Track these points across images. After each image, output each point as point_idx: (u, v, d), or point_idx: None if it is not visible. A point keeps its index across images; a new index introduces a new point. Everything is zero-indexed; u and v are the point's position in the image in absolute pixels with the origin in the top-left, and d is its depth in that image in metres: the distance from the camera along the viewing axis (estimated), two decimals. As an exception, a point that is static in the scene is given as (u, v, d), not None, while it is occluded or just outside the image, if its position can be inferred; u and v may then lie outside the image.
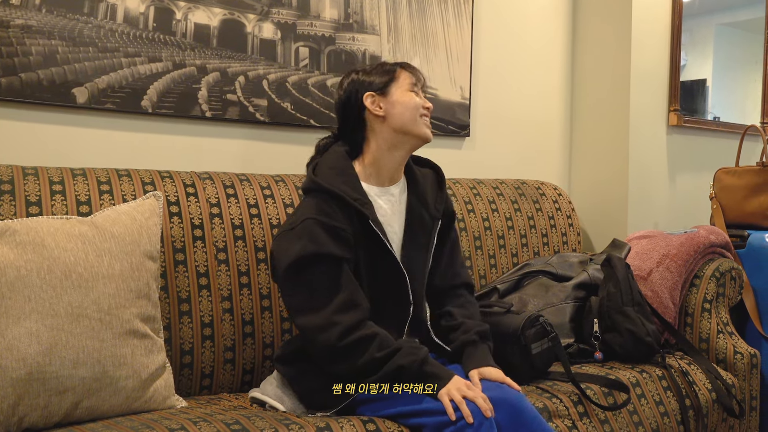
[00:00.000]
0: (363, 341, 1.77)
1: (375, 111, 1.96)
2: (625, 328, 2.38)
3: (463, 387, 1.73)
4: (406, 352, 1.77)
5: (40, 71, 2.11)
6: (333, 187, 1.88)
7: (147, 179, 2.09)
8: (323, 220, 1.83)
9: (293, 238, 1.84)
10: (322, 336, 1.77)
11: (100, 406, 1.70)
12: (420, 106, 1.97)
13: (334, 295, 1.79)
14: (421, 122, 1.97)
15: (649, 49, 3.21)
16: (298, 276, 1.81)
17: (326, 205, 1.86)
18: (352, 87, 2.00)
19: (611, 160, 3.19)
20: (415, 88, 1.99)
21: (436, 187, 2.10)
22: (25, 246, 1.68)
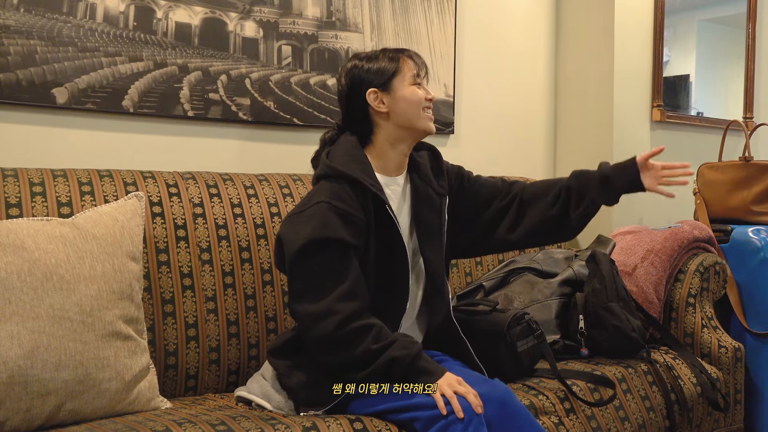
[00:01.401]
0: (361, 331, 1.74)
1: (378, 108, 1.94)
2: (611, 324, 2.38)
3: (454, 383, 1.73)
4: (400, 344, 1.76)
5: (18, 71, 2.08)
6: (351, 171, 1.86)
7: (129, 180, 2.07)
8: (337, 205, 1.81)
9: (304, 220, 1.81)
10: (321, 324, 1.74)
11: (83, 409, 1.68)
12: (423, 99, 1.95)
13: (338, 284, 1.76)
14: (424, 116, 1.96)
15: (632, 45, 3.22)
16: (306, 260, 1.78)
17: (342, 190, 1.84)
18: (354, 80, 1.95)
19: (595, 156, 3.18)
20: (418, 78, 1.96)
21: (434, 162, 2.10)
22: (5, 248, 1.66)
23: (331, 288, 1.76)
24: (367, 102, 1.94)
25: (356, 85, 1.95)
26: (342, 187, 1.84)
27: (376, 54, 1.98)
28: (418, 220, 2.00)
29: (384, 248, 1.90)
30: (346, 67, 1.98)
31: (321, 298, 1.75)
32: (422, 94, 1.95)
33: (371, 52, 2.01)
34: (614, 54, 3.14)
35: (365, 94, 1.93)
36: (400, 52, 1.98)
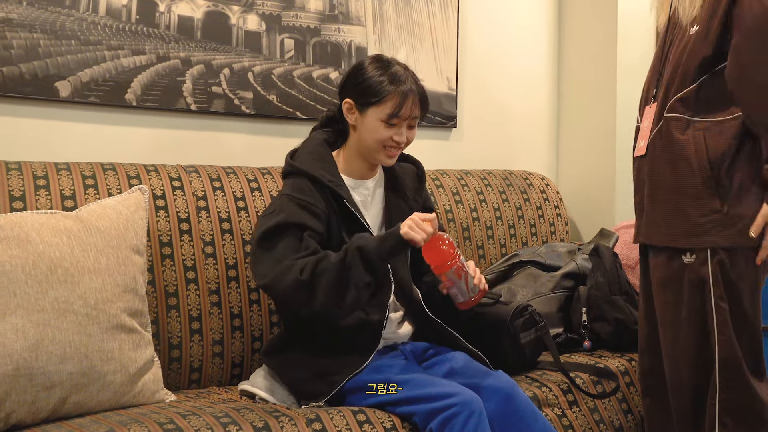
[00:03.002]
0: (320, 262, 1.78)
1: (348, 118, 1.98)
2: (614, 317, 2.39)
3: (413, 217, 1.79)
4: (354, 240, 1.82)
5: (22, 65, 2.08)
6: (309, 169, 1.92)
7: (132, 173, 2.08)
8: (297, 196, 1.88)
9: (271, 216, 1.88)
10: (286, 280, 1.77)
11: (88, 402, 1.69)
12: (387, 139, 1.93)
13: (296, 255, 1.81)
14: (382, 153, 1.96)
15: (635, 38, 3.21)
16: (265, 245, 1.84)
17: (302, 183, 1.91)
18: (348, 80, 1.99)
19: (598, 150, 3.19)
20: (393, 119, 1.91)
21: (416, 181, 2.12)
22: (9, 241, 1.66)
23: (287, 256, 1.80)
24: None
25: (346, 86, 1.99)
26: (303, 182, 1.91)
27: (381, 72, 1.93)
28: (389, 223, 2.01)
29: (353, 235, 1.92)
30: (355, 64, 2.01)
31: (280, 263, 1.80)
32: (387, 135, 1.93)
33: (386, 62, 1.96)
34: (617, 47, 3.13)
35: (342, 101, 1.98)
36: (401, 85, 1.92)
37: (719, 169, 1.86)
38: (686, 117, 1.91)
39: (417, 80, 1.97)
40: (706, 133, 1.88)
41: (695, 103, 1.91)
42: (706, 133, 1.88)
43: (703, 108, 1.90)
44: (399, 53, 2.81)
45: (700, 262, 1.88)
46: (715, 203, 1.86)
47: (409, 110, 1.92)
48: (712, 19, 1.87)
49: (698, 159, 1.87)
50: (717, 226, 1.86)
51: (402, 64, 1.98)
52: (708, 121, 1.89)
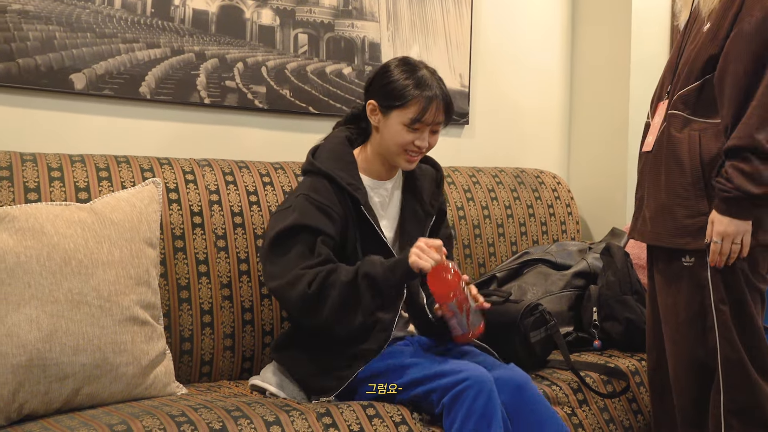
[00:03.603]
0: (328, 277, 1.78)
1: (371, 120, 1.96)
2: (624, 317, 2.38)
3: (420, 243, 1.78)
4: (365, 263, 1.81)
5: (37, 57, 2.09)
6: (328, 170, 1.91)
7: (146, 166, 2.08)
8: (314, 197, 1.87)
9: (287, 214, 1.87)
10: (294, 290, 1.78)
11: (100, 393, 1.69)
12: (409, 143, 1.91)
13: (307, 261, 1.81)
14: (402, 157, 1.94)
15: (649, 36, 3.20)
16: (279, 245, 1.84)
17: (320, 184, 1.90)
18: (373, 81, 1.97)
19: (611, 149, 3.19)
20: (416, 124, 1.89)
21: (434, 184, 2.10)
22: (24, 232, 1.67)
23: (298, 263, 1.80)
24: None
25: (371, 87, 1.98)
26: (321, 182, 1.90)
27: (407, 76, 1.91)
28: (403, 230, 2.01)
29: (370, 243, 1.92)
30: (382, 66, 1.99)
31: (290, 270, 1.80)
32: (409, 139, 1.91)
33: (412, 66, 1.94)
34: (631, 45, 3.12)
35: (366, 102, 1.97)
36: (426, 90, 1.89)
37: (710, 171, 1.85)
38: (685, 115, 1.90)
39: (443, 85, 1.94)
40: (701, 134, 1.87)
41: (696, 102, 1.89)
42: (702, 134, 1.87)
43: (702, 108, 1.89)
44: (412, 49, 2.81)
45: (699, 265, 1.87)
46: (702, 205, 1.86)
47: (432, 116, 1.90)
48: (724, 18, 1.86)
49: (691, 159, 1.87)
50: (703, 229, 1.85)
51: (429, 69, 1.95)
52: (705, 122, 1.88)
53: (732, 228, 1.81)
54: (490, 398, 1.69)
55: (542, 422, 1.78)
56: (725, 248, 1.82)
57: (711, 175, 1.84)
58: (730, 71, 1.82)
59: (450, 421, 1.70)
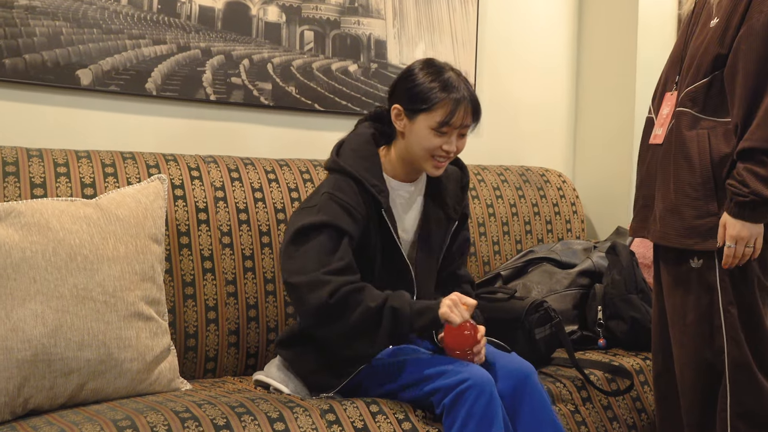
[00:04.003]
0: (354, 294, 1.74)
1: (396, 125, 1.91)
2: (629, 316, 2.38)
3: (454, 297, 1.75)
4: (394, 296, 1.77)
5: (44, 52, 2.10)
6: (353, 170, 1.87)
7: (152, 162, 2.09)
8: (339, 196, 1.83)
9: (310, 212, 1.83)
10: (315, 293, 1.73)
11: (105, 388, 1.70)
12: (436, 148, 1.86)
13: (330, 261, 1.77)
14: (430, 162, 1.89)
15: (655, 35, 3.19)
16: (301, 240, 1.80)
17: (345, 183, 1.86)
18: (398, 85, 1.92)
19: (616, 148, 3.18)
20: (444, 128, 1.84)
21: (458, 187, 2.05)
22: (30, 228, 1.67)
23: (323, 263, 1.76)
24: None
25: (395, 91, 1.93)
26: (346, 181, 1.86)
27: (438, 73, 1.87)
28: (422, 236, 1.99)
29: (387, 246, 1.90)
30: (406, 69, 1.93)
31: (313, 270, 1.75)
32: (437, 143, 1.86)
33: (438, 68, 1.89)
34: (637, 44, 3.11)
35: (390, 106, 1.91)
36: (453, 92, 1.85)
37: (720, 171, 1.82)
38: (693, 113, 1.87)
39: (470, 87, 1.89)
40: (710, 133, 1.84)
41: (704, 99, 1.86)
42: (711, 133, 1.84)
43: (711, 106, 1.86)
44: (418, 47, 2.81)
45: (707, 267, 1.85)
46: (712, 206, 1.83)
47: (460, 119, 1.85)
48: (733, 13, 1.83)
49: (700, 158, 1.84)
50: (712, 230, 1.83)
51: (455, 70, 1.90)
52: (715, 120, 1.85)
53: (745, 232, 1.78)
54: (491, 400, 1.69)
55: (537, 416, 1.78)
56: (738, 252, 1.80)
57: (721, 175, 1.82)
58: (740, 69, 1.80)
59: (450, 422, 1.69)
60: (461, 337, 1.79)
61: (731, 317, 1.84)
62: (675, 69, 1.99)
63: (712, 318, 1.86)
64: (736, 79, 1.81)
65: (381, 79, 2.72)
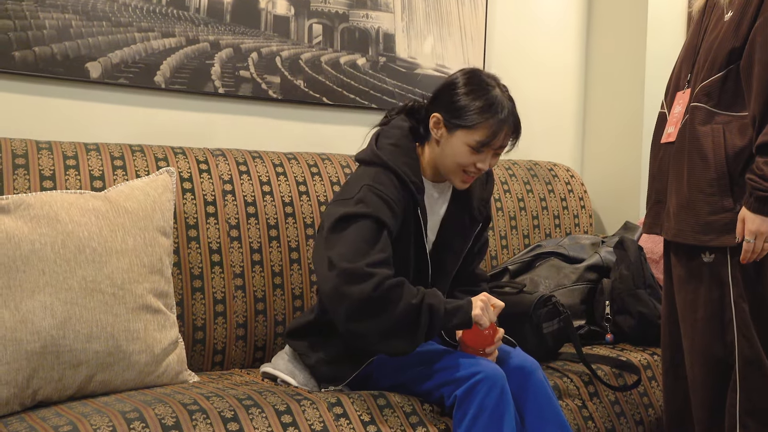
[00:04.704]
0: (396, 288, 1.69)
1: (433, 133, 1.88)
2: (637, 311, 2.38)
3: (484, 299, 1.75)
4: (429, 293, 1.74)
5: (53, 45, 2.10)
6: (395, 165, 1.84)
7: (160, 155, 2.09)
8: (378, 188, 1.79)
9: (348, 203, 1.79)
10: (357, 287, 1.67)
11: (113, 380, 1.71)
12: (469, 165, 1.83)
13: (374, 251, 1.72)
14: (459, 177, 1.86)
15: (665, 28, 3.17)
16: (340, 228, 1.75)
17: (386, 176, 1.82)
18: (441, 94, 1.88)
19: (625, 142, 3.17)
20: (483, 148, 1.82)
21: (483, 188, 2.03)
22: (39, 220, 1.68)
23: (367, 251, 1.71)
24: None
25: (438, 100, 1.88)
26: (387, 175, 1.83)
27: (484, 90, 1.83)
28: (445, 235, 1.97)
29: (414, 242, 1.89)
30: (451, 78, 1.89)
31: (358, 259, 1.69)
32: (471, 161, 1.83)
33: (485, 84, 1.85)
34: (647, 38, 3.10)
35: (430, 114, 1.87)
36: (497, 114, 1.81)
37: (735, 166, 1.81)
38: (708, 107, 1.86)
39: (513, 106, 1.86)
40: (725, 128, 1.83)
41: (719, 94, 1.85)
42: (726, 128, 1.83)
43: (726, 100, 1.84)
44: (427, 41, 2.80)
45: (719, 262, 1.84)
46: (727, 201, 1.82)
47: (501, 140, 1.83)
48: (747, 6, 1.81)
49: (715, 153, 1.82)
50: (727, 225, 1.81)
51: (501, 85, 1.87)
52: (730, 115, 1.84)
53: (765, 227, 1.76)
54: (502, 393, 1.69)
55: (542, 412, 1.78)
56: (758, 247, 1.78)
57: (736, 170, 1.81)
58: (756, 61, 1.78)
59: (461, 414, 1.70)
60: (481, 336, 1.80)
61: (742, 312, 1.83)
62: (687, 66, 1.97)
63: (723, 313, 1.85)
64: (752, 71, 1.79)
65: (389, 73, 2.71)
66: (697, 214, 1.85)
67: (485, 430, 1.66)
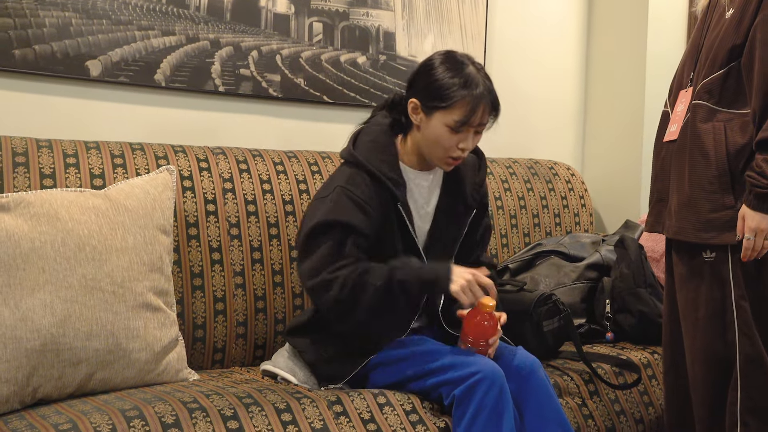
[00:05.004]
0: (360, 278, 1.75)
1: (412, 119, 1.88)
2: (637, 309, 2.38)
3: (469, 277, 1.75)
4: (400, 269, 1.77)
5: (53, 43, 2.10)
6: (369, 163, 1.85)
7: (160, 153, 2.09)
8: (351, 190, 1.82)
9: (324, 204, 1.83)
10: (328, 295, 1.75)
11: (113, 378, 1.71)
12: (452, 147, 1.83)
13: (338, 261, 1.77)
14: (444, 160, 1.86)
15: (665, 27, 3.17)
16: (313, 240, 1.80)
17: (359, 177, 1.84)
18: (416, 78, 1.88)
19: (625, 141, 3.17)
20: (463, 127, 1.81)
21: (475, 174, 2.02)
22: (39, 218, 1.68)
23: (331, 263, 1.77)
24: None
25: (413, 84, 1.89)
26: (360, 175, 1.85)
27: (458, 68, 1.82)
28: (437, 224, 1.97)
29: (402, 239, 1.89)
30: (425, 62, 1.89)
31: (321, 271, 1.77)
32: (453, 142, 1.82)
33: (458, 63, 1.84)
34: (647, 38, 3.10)
35: (407, 100, 1.88)
36: (473, 90, 1.80)
37: (736, 163, 1.80)
38: (709, 105, 1.85)
39: (490, 83, 1.85)
40: (727, 125, 1.82)
41: (720, 91, 1.85)
42: (727, 125, 1.82)
43: (727, 98, 1.84)
44: (427, 39, 2.80)
45: (720, 260, 1.84)
46: (728, 199, 1.81)
47: (479, 118, 1.81)
48: (748, 5, 1.81)
49: (716, 151, 1.82)
50: (728, 223, 1.81)
51: (476, 64, 1.86)
52: (731, 112, 1.83)
53: (765, 224, 1.75)
54: (501, 392, 1.69)
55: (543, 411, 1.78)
56: (758, 244, 1.77)
57: (737, 167, 1.80)
58: (757, 58, 1.77)
59: (460, 413, 1.70)
60: (480, 327, 1.79)
61: (744, 311, 1.83)
62: (690, 65, 1.97)
63: (725, 312, 1.85)
64: (753, 68, 1.79)
65: (390, 71, 2.71)
66: (698, 211, 1.85)
67: (484, 428, 1.66)
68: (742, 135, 1.80)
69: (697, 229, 1.85)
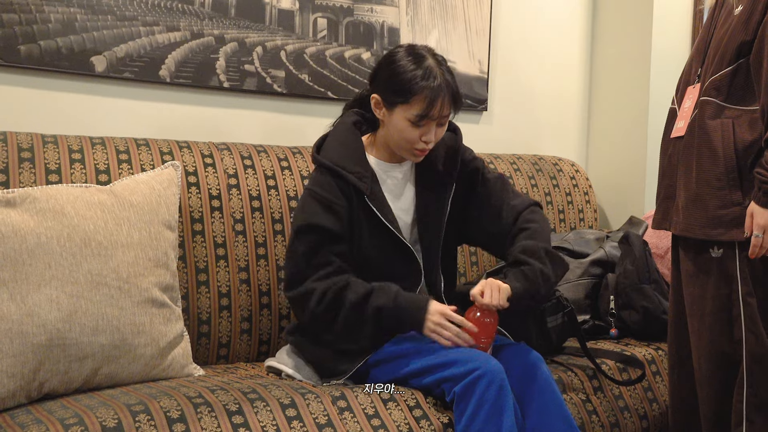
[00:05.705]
0: (338, 294, 1.79)
1: (376, 113, 1.91)
2: (642, 306, 2.38)
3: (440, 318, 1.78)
4: (379, 294, 1.80)
5: (59, 39, 2.10)
6: (331, 161, 1.88)
7: (165, 149, 2.09)
8: (317, 192, 1.86)
9: (298, 209, 1.91)
10: (306, 306, 1.82)
11: (119, 373, 1.71)
12: (415, 140, 1.85)
13: (316, 269, 1.82)
14: (411, 151, 1.88)
15: (670, 23, 3.17)
16: (294, 241, 1.86)
17: (323, 178, 1.88)
18: (377, 73, 1.90)
19: (630, 137, 3.17)
20: (423, 120, 1.82)
21: (451, 149, 1.99)
22: (45, 213, 1.69)
23: (308, 273, 1.82)
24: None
25: (375, 79, 1.92)
26: (325, 177, 1.88)
27: (418, 62, 1.83)
28: (419, 207, 1.97)
29: (380, 233, 1.89)
30: (386, 56, 1.91)
31: (301, 278, 1.83)
32: (415, 135, 1.84)
33: (418, 56, 1.84)
34: (652, 34, 3.09)
35: (370, 95, 1.91)
36: (430, 83, 1.80)
37: (745, 160, 1.80)
38: (717, 101, 1.85)
39: (449, 75, 1.84)
40: (735, 122, 1.82)
41: (729, 88, 1.84)
42: (736, 122, 1.82)
43: (736, 94, 1.84)
44: (431, 35, 2.80)
45: (727, 257, 1.84)
46: (736, 195, 1.81)
47: (438, 110, 1.82)
48: (756, 1, 1.80)
49: (724, 147, 1.81)
50: (736, 219, 1.81)
51: (437, 57, 1.86)
52: (739, 109, 1.83)
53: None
54: (501, 388, 1.69)
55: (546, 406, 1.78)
56: (766, 241, 1.77)
57: (745, 164, 1.80)
58: (766, 55, 1.77)
59: (461, 410, 1.70)
60: (481, 324, 1.80)
61: (750, 308, 1.82)
62: (698, 61, 1.97)
63: (731, 309, 1.84)
64: (761, 64, 1.78)
65: (394, 67, 2.71)
66: (705, 208, 1.84)
67: (485, 424, 1.67)
68: (751, 131, 1.80)
69: (705, 225, 1.84)
